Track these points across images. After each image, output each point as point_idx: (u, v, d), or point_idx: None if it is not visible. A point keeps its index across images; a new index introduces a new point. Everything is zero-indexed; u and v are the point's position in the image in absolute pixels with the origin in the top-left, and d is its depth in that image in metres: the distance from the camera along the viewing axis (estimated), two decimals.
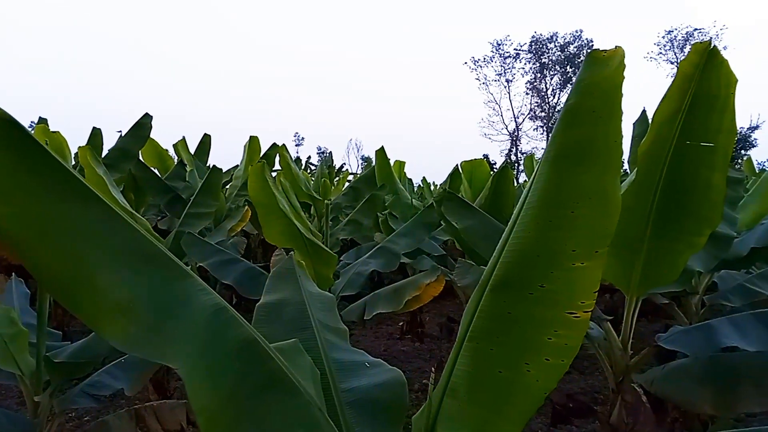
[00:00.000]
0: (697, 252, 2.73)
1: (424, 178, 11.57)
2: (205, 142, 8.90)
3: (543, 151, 1.36)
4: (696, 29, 49.24)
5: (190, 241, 3.79)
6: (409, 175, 10.05)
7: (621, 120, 1.25)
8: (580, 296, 1.21)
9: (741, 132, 46.70)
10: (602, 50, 1.29)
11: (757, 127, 46.63)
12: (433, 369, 1.40)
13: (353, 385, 1.56)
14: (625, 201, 2.43)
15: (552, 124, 53.28)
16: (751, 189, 4.10)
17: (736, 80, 2.01)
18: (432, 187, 11.84)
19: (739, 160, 14.95)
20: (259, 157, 7.49)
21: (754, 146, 46.35)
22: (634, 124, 4.92)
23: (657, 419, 2.92)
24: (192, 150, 8.70)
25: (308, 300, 1.77)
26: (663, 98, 2.11)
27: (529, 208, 1.28)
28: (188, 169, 7.25)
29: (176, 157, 8.60)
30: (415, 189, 11.87)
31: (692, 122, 2.12)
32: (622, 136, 1.26)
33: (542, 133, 53.93)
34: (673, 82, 2.07)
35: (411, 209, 6.95)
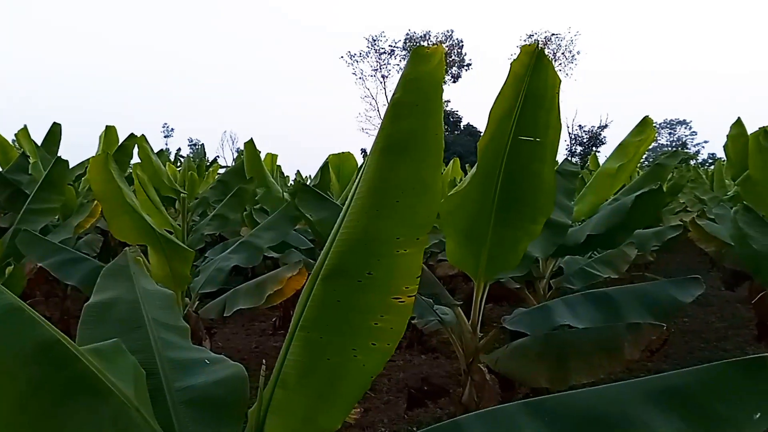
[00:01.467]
0: (536, 239, 2.97)
1: (298, 171, 11.49)
2: (55, 131, 8.10)
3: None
4: (553, 34, 53.33)
5: (26, 240, 3.45)
6: (288, 170, 9.95)
7: (441, 114, 1.31)
8: (405, 281, 1.26)
9: (592, 130, 51.52)
10: (425, 47, 1.34)
11: (605, 126, 51.63)
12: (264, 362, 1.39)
13: (189, 383, 1.51)
14: (470, 192, 2.60)
15: None
16: (589, 182, 4.52)
17: (560, 81, 2.20)
18: (308, 181, 11.80)
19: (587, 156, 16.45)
20: (116, 148, 6.98)
21: (603, 143, 51.31)
22: None
23: (505, 396, 3.14)
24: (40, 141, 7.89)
25: (143, 298, 1.68)
26: (498, 96, 2.25)
27: (359, 198, 1.31)
28: (32, 161, 6.58)
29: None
30: (291, 183, 11.74)
31: (525, 119, 2.29)
32: (444, 130, 1.32)
33: None
34: (506, 81, 2.22)
35: (282, 203, 6.86)
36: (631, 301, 2.77)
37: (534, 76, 2.20)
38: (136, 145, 6.85)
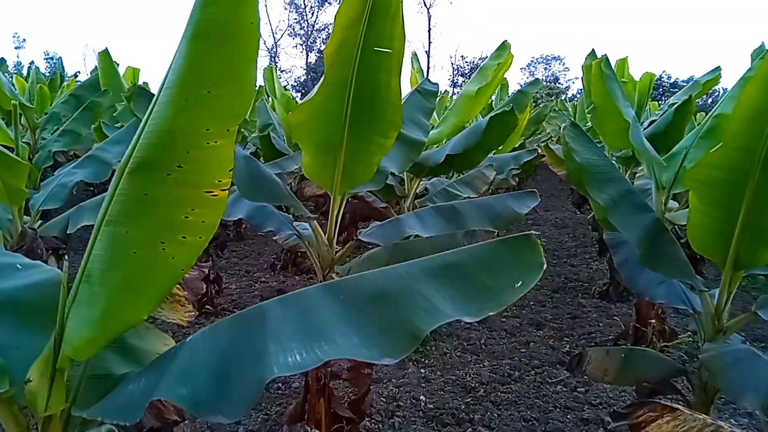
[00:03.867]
0: (391, 154, 3.04)
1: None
2: None
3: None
4: None
5: None
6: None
7: (257, 2, 1.26)
8: (217, 174, 1.24)
9: (474, 61, 52.61)
10: None
11: (486, 58, 52.86)
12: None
13: None
14: (321, 103, 2.57)
15: (311, 42, 53.47)
16: (450, 105, 4.67)
17: None
18: None
19: None
20: None
21: None
22: None
23: None
24: None
25: None
26: (343, 2, 2.21)
27: (168, 89, 1.25)
28: None
29: None
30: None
31: (372, 28, 2.27)
32: (259, 19, 1.28)
33: (302, 51, 53.81)
34: None
35: None
36: (474, 213, 2.96)
37: None
38: None
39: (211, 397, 0.92)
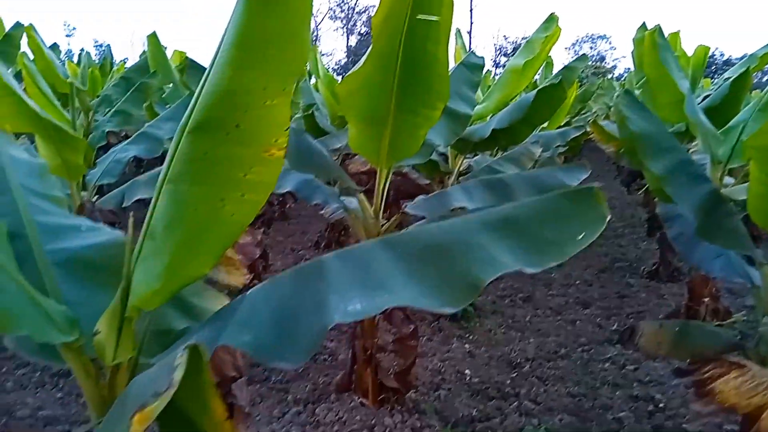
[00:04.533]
0: (437, 128, 3.02)
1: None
2: None
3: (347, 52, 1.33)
4: None
5: None
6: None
7: None
8: (274, 134, 1.26)
9: (516, 41, 51.49)
10: None
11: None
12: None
13: (62, 246, 1.48)
14: (369, 73, 2.57)
15: (351, 25, 53.32)
16: (496, 80, 4.59)
17: None
18: None
19: None
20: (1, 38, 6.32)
21: None
22: None
23: None
24: None
25: (7, 164, 1.59)
26: None
27: (225, 50, 1.27)
28: None
29: None
30: None
31: None
32: None
33: (342, 34, 53.76)
34: None
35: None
36: (522, 185, 2.93)
37: None
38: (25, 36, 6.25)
39: (274, 343, 0.95)
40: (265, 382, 3.62)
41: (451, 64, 3.64)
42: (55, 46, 9.44)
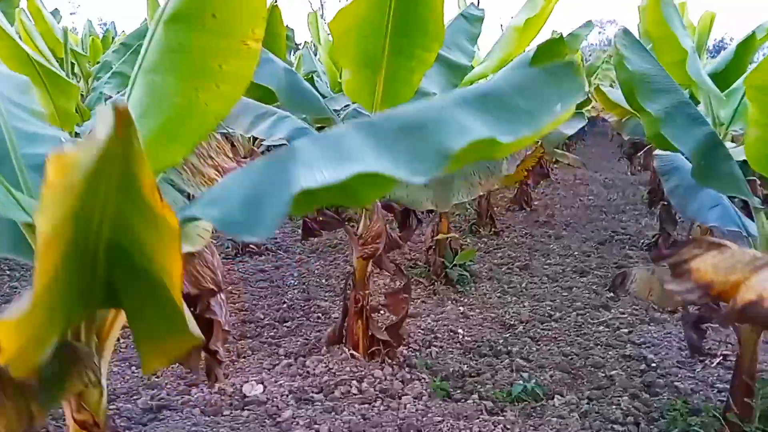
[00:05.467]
0: (430, 75, 2.97)
1: None
2: None
3: None
4: None
5: None
6: None
7: None
8: (251, 24, 1.23)
9: None
10: None
11: None
12: None
13: (39, 152, 1.45)
14: (362, 11, 2.53)
15: None
16: (498, 39, 4.52)
17: None
18: None
19: None
20: None
21: None
22: None
23: (403, 225, 3.29)
24: None
25: None
26: None
27: None
28: None
29: None
30: None
31: None
32: None
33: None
34: None
35: None
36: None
37: None
38: None
39: (242, 217, 0.93)
40: (257, 337, 3.62)
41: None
42: (56, 12, 9.37)
